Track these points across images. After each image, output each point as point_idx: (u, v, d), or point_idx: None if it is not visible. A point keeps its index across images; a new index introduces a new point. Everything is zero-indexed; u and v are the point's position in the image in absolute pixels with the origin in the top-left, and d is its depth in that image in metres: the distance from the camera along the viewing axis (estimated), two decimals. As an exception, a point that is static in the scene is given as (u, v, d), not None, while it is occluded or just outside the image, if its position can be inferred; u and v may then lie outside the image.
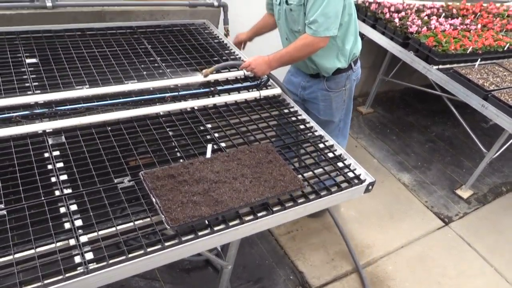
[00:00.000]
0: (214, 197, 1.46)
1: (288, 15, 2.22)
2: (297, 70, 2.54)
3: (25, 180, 1.40)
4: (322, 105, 2.49)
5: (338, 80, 2.42)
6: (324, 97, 2.47)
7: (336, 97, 2.47)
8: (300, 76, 2.53)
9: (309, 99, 2.53)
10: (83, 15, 2.40)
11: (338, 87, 2.45)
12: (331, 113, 2.52)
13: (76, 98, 1.82)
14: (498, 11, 4.36)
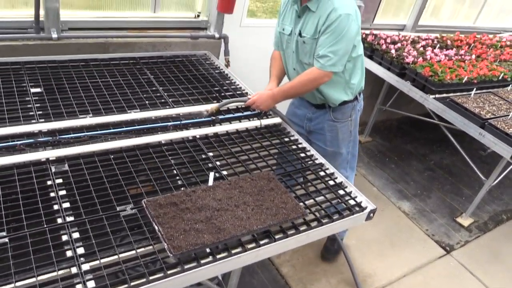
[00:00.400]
0: (216, 225, 1.46)
1: (300, 47, 2.23)
2: (301, 102, 2.52)
3: (28, 207, 1.40)
4: (329, 135, 2.46)
5: (344, 110, 2.41)
6: (330, 127, 2.44)
7: (342, 127, 2.46)
8: (305, 108, 2.50)
9: (315, 130, 2.50)
10: (87, 46, 2.46)
11: (344, 118, 2.43)
12: (338, 143, 2.48)
13: (80, 126, 1.84)
14: (491, 42, 4.47)
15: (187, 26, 2.89)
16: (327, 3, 2.07)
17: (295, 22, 2.22)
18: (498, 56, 4.09)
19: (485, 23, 5.08)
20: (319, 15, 2.09)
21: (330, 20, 2.05)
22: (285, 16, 2.29)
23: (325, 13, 2.07)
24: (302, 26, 2.17)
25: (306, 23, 2.16)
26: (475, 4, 4.85)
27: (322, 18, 2.08)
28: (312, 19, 2.12)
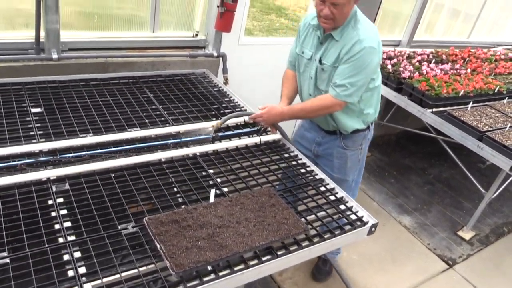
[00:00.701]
0: (218, 242, 1.45)
1: (319, 74, 2.18)
2: (312, 125, 2.47)
3: (29, 227, 1.40)
4: (337, 162, 2.40)
5: (355, 139, 2.36)
6: (339, 154, 2.39)
7: (351, 155, 2.40)
8: (315, 131, 2.45)
9: (323, 155, 2.44)
10: (87, 66, 2.48)
11: (354, 146, 2.38)
12: (345, 171, 2.43)
13: (80, 146, 1.85)
14: (485, 56, 4.53)
15: (185, 45, 2.92)
16: (352, 32, 2.04)
17: (316, 48, 2.18)
18: (493, 69, 4.15)
19: (478, 37, 5.16)
20: (343, 44, 2.05)
21: (353, 51, 2.01)
22: (305, 39, 2.24)
23: (349, 43, 2.03)
24: (323, 53, 2.14)
25: (327, 51, 2.12)
26: (468, 19, 4.93)
27: (346, 48, 2.04)
28: (335, 47, 2.09)
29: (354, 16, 2.07)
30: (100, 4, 2.54)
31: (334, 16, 1.97)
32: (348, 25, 2.06)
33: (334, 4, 1.94)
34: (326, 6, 1.96)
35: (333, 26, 2.04)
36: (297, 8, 9.37)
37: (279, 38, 6.07)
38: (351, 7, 2.01)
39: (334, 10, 1.96)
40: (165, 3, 2.74)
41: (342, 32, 2.06)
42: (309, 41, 2.21)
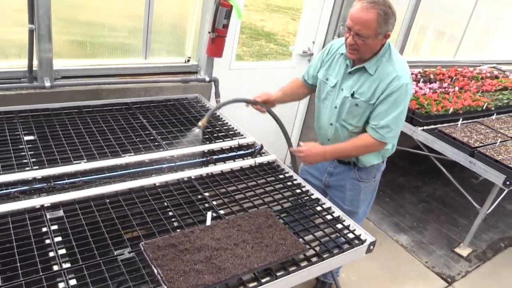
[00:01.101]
0: (216, 265, 1.43)
1: (349, 108, 2.10)
2: None
3: (23, 255, 1.37)
4: (349, 194, 2.33)
5: (370, 171, 2.30)
6: (353, 186, 2.32)
7: (365, 187, 2.34)
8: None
9: (335, 186, 2.36)
10: (80, 94, 2.49)
11: (368, 178, 2.32)
12: (357, 204, 2.37)
13: (74, 172, 1.83)
14: (472, 74, 4.64)
15: (178, 71, 2.95)
16: (388, 67, 2.00)
17: (343, 77, 2.12)
18: (480, 87, 4.24)
19: (464, 57, 5.29)
20: (379, 80, 2.00)
21: (392, 89, 1.98)
22: (330, 65, 2.19)
23: (386, 79, 1.99)
24: (356, 86, 2.07)
25: (361, 85, 2.05)
26: (453, 40, 5.07)
27: (383, 84, 1.99)
28: (370, 82, 2.03)
29: (388, 50, 2.02)
30: (92, 33, 2.57)
31: (358, 46, 1.94)
32: (381, 58, 2.01)
33: (358, 35, 1.91)
34: (351, 35, 1.93)
35: (358, 57, 2.00)
36: (285, 34, 9.56)
37: (269, 62, 6.16)
38: (378, 42, 1.96)
39: (359, 40, 1.92)
40: (157, 31, 2.79)
41: (376, 66, 2.01)
42: (335, 68, 2.16)
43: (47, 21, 2.25)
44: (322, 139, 2.34)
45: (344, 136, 2.20)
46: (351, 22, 1.91)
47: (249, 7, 9.99)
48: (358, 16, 1.87)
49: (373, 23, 1.87)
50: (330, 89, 2.18)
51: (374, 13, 1.85)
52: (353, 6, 1.92)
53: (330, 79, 2.18)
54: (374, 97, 2.03)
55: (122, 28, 2.67)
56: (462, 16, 4.93)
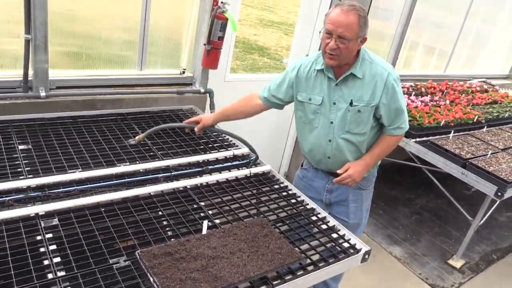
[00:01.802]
0: (213, 273, 1.43)
1: (352, 116, 2.07)
2: (316, 173, 2.34)
3: (17, 263, 1.36)
4: (353, 206, 2.29)
5: (368, 177, 2.30)
6: (355, 197, 2.29)
7: (366, 195, 2.34)
8: (321, 179, 2.33)
9: (337, 202, 2.32)
10: (75, 104, 2.49)
11: (368, 184, 2.32)
12: (361, 214, 2.34)
13: (69, 181, 1.82)
14: (462, 88, 4.72)
15: (173, 82, 2.97)
16: (375, 68, 2.03)
17: (330, 91, 2.09)
18: (470, 100, 4.31)
19: (454, 71, 5.38)
20: (374, 81, 2.03)
21: (390, 84, 2.03)
22: (308, 85, 2.15)
23: (380, 78, 2.02)
24: (351, 94, 2.06)
25: (356, 91, 2.05)
26: (443, 55, 5.17)
27: (380, 84, 2.02)
28: (363, 85, 2.04)
29: (366, 52, 2.07)
30: (88, 45, 2.59)
31: (340, 51, 1.93)
32: (364, 62, 2.05)
33: (341, 38, 1.90)
34: (332, 39, 1.92)
35: (337, 63, 1.99)
36: (278, 48, 9.68)
37: (264, 74, 6.22)
38: (357, 45, 1.97)
39: (341, 44, 1.91)
40: (152, 44, 2.81)
41: (362, 69, 2.04)
42: (316, 86, 2.13)
43: (43, 31, 2.27)
44: (317, 159, 2.26)
45: (349, 149, 2.16)
46: (332, 25, 1.91)
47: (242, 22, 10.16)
48: (340, 19, 1.89)
49: (355, 25, 1.90)
50: (317, 107, 2.13)
51: (355, 16, 1.89)
52: (331, 12, 1.95)
53: (313, 97, 2.14)
54: (375, 99, 2.04)
55: (118, 40, 2.69)
56: (451, 32, 5.04)
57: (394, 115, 2.10)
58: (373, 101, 2.05)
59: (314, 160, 2.30)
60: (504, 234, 4.09)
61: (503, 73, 6.28)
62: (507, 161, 3.26)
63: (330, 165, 2.24)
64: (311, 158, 2.31)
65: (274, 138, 3.81)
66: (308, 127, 2.22)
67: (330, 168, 2.25)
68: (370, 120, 2.09)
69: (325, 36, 1.96)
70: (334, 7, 1.95)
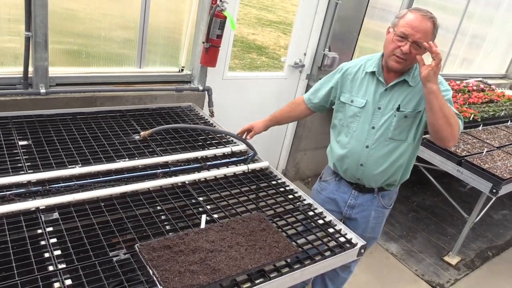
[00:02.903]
0: (211, 266, 1.45)
1: (397, 122, 2.01)
2: (339, 186, 2.28)
3: (18, 256, 1.38)
4: (373, 223, 2.25)
5: (392, 194, 2.26)
6: (377, 214, 2.26)
7: (387, 213, 2.30)
8: (343, 193, 2.27)
9: (358, 218, 2.27)
10: (74, 101, 2.52)
11: (390, 203, 2.28)
12: (378, 230, 2.32)
13: (69, 176, 1.84)
14: (459, 87, 4.75)
15: (172, 80, 2.99)
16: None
17: (377, 95, 2.04)
18: (467, 99, 4.34)
19: (451, 70, 5.42)
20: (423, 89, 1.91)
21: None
22: (353, 86, 2.12)
23: None
24: (399, 100, 2.00)
25: (404, 98, 2.00)
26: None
27: None
28: (413, 93, 2.00)
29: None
30: (88, 43, 2.61)
31: (410, 56, 1.88)
32: (416, 70, 2.00)
33: (416, 43, 1.86)
34: (407, 44, 1.86)
35: (403, 68, 1.96)
36: (277, 47, 9.70)
37: (262, 72, 6.25)
38: (423, 53, 1.91)
39: (414, 50, 1.87)
40: (152, 42, 2.83)
41: (414, 77, 2.00)
42: (361, 89, 2.09)
43: (44, 29, 2.29)
44: (346, 167, 2.19)
45: (387, 157, 2.09)
46: (411, 30, 1.85)
47: (241, 21, 10.17)
48: (419, 25, 1.85)
49: (430, 33, 1.87)
50: (358, 110, 2.08)
51: (431, 23, 1.87)
52: (407, 15, 1.89)
53: (356, 100, 2.09)
54: (421, 105, 1.98)
55: (117, 38, 2.71)
56: (448, 32, 5.07)
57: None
58: (420, 106, 1.99)
59: (342, 168, 2.22)
60: (499, 231, 4.13)
61: (499, 73, 6.32)
62: (502, 158, 3.30)
63: (359, 174, 2.16)
64: (340, 165, 2.22)
65: (272, 135, 3.83)
66: (345, 130, 2.16)
67: (357, 177, 2.18)
68: (414, 126, 2.03)
69: (397, 38, 1.90)
70: (410, 11, 1.90)
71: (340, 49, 3.72)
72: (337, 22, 3.56)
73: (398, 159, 2.10)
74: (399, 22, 1.91)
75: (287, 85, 3.72)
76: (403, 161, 2.12)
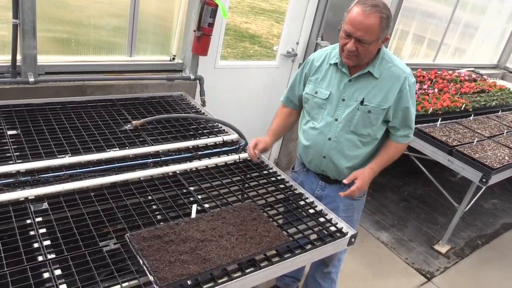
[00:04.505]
0: (201, 255, 1.46)
1: (361, 116, 1.97)
2: (307, 176, 2.24)
3: (7, 246, 1.37)
4: (343, 216, 2.04)
5: None
6: (346, 207, 2.18)
7: (358, 205, 2.23)
8: (311, 183, 2.22)
9: None
10: (64, 89, 2.48)
11: (361, 194, 2.21)
12: (352, 225, 2.05)
13: (59, 166, 1.83)
14: (451, 77, 4.76)
15: (163, 69, 2.96)
16: (394, 69, 1.94)
17: (341, 86, 1.99)
18: (459, 89, 4.36)
19: (443, 60, 5.43)
20: (390, 83, 1.93)
21: (406, 90, 1.94)
22: (318, 78, 2.06)
23: (397, 81, 1.93)
24: (363, 93, 1.96)
25: (369, 90, 1.96)
26: (433, 44, 5.20)
27: (395, 87, 1.93)
28: (377, 86, 1.95)
29: (386, 52, 1.98)
30: (77, 31, 2.57)
31: (358, 52, 1.84)
32: (382, 61, 1.95)
33: (359, 41, 1.81)
34: (351, 41, 1.82)
35: (355, 63, 1.91)
36: (270, 36, 9.64)
37: (254, 62, 6.20)
38: (377, 46, 1.88)
39: (360, 46, 1.82)
40: (142, 30, 2.79)
41: (380, 69, 1.94)
42: (325, 80, 2.03)
43: (32, 16, 2.24)
44: (310, 157, 2.16)
45: (348, 151, 2.05)
46: (351, 27, 1.80)
47: (233, 9, 10.08)
48: (360, 21, 1.77)
49: (376, 28, 1.78)
50: (322, 101, 2.03)
51: (376, 18, 1.77)
52: (351, 10, 1.82)
53: (320, 91, 2.04)
54: (387, 101, 1.95)
55: (107, 26, 2.67)
56: (441, 22, 5.07)
57: (405, 123, 2.03)
58: (386, 103, 1.95)
59: (306, 159, 2.19)
60: (489, 220, 4.18)
61: (491, 62, 6.34)
62: (493, 148, 3.32)
63: (323, 166, 2.13)
64: (305, 156, 2.20)
65: (264, 124, 3.82)
66: (310, 123, 2.12)
67: (321, 169, 2.15)
68: (378, 123, 2.00)
69: (343, 35, 1.86)
70: (356, 3, 1.83)
71: (333, 38, 3.70)
72: (330, 11, 3.53)
73: (362, 153, 2.07)
74: (345, 18, 1.85)
75: (279, 74, 3.70)
76: (368, 155, 2.10)
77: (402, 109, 1.99)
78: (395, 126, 2.04)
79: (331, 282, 2.49)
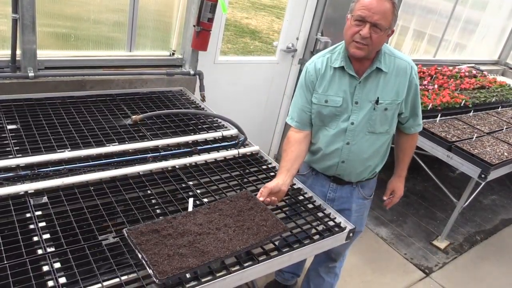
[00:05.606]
0: (200, 248, 1.46)
1: (379, 116, 1.93)
2: (316, 179, 2.18)
3: (7, 240, 1.38)
4: (355, 216, 2.14)
5: (372, 185, 2.20)
6: (359, 207, 2.18)
7: (368, 204, 2.24)
8: (322, 186, 2.17)
9: (338, 210, 1.99)
10: (64, 84, 2.49)
11: (371, 193, 2.22)
12: (361, 223, 2.25)
13: (58, 160, 1.84)
14: (451, 73, 4.76)
15: (162, 64, 2.96)
16: (398, 61, 1.92)
17: (352, 89, 1.92)
18: (459, 85, 4.35)
19: (444, 56, 5.42)
20: (398, 77, 1.91)
21: (414, 79, 1.94)
22: (325, 86, 1.95)
23: (403, 72, 1.91)
24: (377, 91, 1.91)
25: (382, 87, 1.91)
26: (433, 40, 5.19)
27: (404, 80, 1.92)
28: (387, 81, 1.91)
29: (385, 45, 1.93)
30: (77, 26, 2.57)
31: (371, 41, 1.76)
32: (385, 55, 1.92)
33: (375, 26, 1.74)
34: (366, 26, 1.74)
35: (365, 54, 1.82)
36: (270, 32, 9.62)
37: (254, 57, 6.20)
38: (387, 37, 1.84)
39: (374, 33, 1.75)
40: (142, 25, 2.79)
41: (386, 63, 1.91)
42: (333, 87, 1.94)
43: (31, 11, 2.24)
44: (328, 165, 2.09)
45: (369, 151, 2.02)
46: (367, 11, 1.73)
47: (234, 5, 10.05)
48: (376, 5, 1.72)
49: (390, 13, 1.76)
50: (335, 109, 1.94)
51: (389, 3, 1.75)
52: None
53: (330, 99, 1.94)
54: (400, 95, 1.93)
55: (107, 21, 2.67)
56: (441, 18, 5.06)
57: (415, 112, 2.05)
58: (399, 97, 1.93)
59: (322, 166, 2.12)
60: (487, 216, 4.19)
61: (492, 58, 6.34)
62: (492, 144, 3.33)
63: (340, 170, 2.07)
64: (320, 164, 2.11)
65: (264, 119, 3.83)
66: (323, 131, 2.03)
67: (339, 173, 2.09)
68: (395, 118, 1.99)
69: (355, 23, 1.77)
70: None
71: (332, 33, 3.69)
72: (330, 6, 3.53)
73: (379, 150, 2.06)
74: (355, 6, 1.79)
75: (279, 70, 3.70)
76: (383, 151, 2.11)
77: (411, 99, 2.00)
78: (407, 115, 2.05)
79: (335, 276, 2.51)
